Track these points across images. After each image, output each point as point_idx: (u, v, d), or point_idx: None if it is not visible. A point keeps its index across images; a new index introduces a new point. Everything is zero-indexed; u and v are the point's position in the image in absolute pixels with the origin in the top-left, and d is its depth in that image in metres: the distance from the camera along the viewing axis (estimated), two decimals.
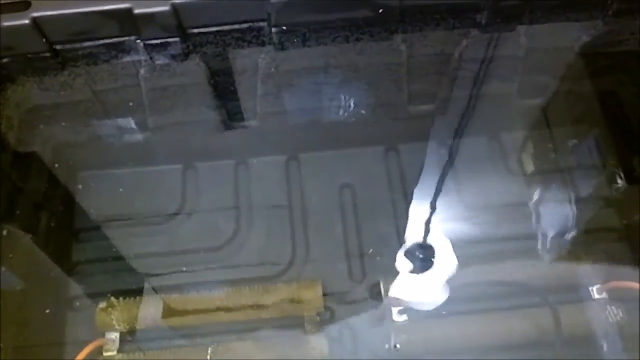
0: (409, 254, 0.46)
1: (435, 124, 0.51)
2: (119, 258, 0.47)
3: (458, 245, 0.46)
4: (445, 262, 0.46)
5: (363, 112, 0.50)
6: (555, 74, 0.49)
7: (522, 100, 0.50)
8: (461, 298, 0.45)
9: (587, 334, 0.43)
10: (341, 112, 0.50)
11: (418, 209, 0.48)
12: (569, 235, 0.47)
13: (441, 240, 0.46)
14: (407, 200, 0.49)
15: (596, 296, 0.43)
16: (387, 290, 0.45)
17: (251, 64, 0.46)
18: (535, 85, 0.50)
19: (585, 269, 0.45)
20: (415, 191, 0.49)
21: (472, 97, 0.50)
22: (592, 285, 0.44)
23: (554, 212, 0.48)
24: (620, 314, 0.42)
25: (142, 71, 0.45)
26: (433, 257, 0.46)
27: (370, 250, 0.45)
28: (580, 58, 0.48)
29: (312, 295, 0.45)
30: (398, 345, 0.43)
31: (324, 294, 0.45)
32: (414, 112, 0.50)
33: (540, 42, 0.47)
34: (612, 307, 0.42)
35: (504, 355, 0.42)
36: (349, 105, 0.50)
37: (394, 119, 0.50)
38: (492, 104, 0.50)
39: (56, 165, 0.49)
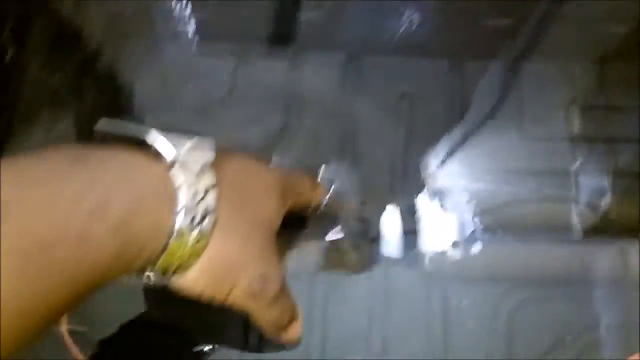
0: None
1: (506, 43, 0.47)
2: None
3: (507, 176, 0.45)
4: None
5: (433, 20, 0.47)
6: None
7: (607, 27, 0.46)
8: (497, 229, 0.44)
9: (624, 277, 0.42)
10: (410, 18, 0.47)
11: (473, 132, 0.46)
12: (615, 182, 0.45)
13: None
14: (463, 120, 0.46)
15: None
16: (426, 209, 0.44)
17: None
18: (628, 10, 0.46)
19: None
20: (473, 113, 0.47)
21: (550, 17, 0.46)
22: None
23: (613, 152, 0.46)
24: None
25: None
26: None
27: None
28: None
29: (352, 203, 0.44)
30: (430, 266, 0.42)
31: (362, 203, 0.44)
32: (487, 27, 0.47)
33: None
34: None
35: (537, 290, 0.42)
36: (420, 12, 0.46)
37: (465, 33, 0.47)
38: (572, 28, 0.47)
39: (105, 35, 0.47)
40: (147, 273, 0.25)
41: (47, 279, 0.20)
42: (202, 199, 0.25)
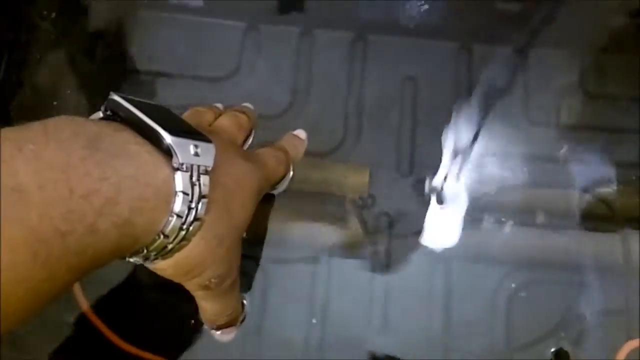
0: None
1: (518, 27, 0.48)
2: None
3: (510, 160, 0.45)
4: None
5: (445, 1, 0.47)
6: None
7: (614, 18, 0.47)
8: (501, 212, 0.44)
9: (624, 264, 0.42)
10: None
11: (478, 116, 0.46)
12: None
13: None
14: (469, 104, 0.46)
15: None
16: (432, 188, 0.44)
17: None
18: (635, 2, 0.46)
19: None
20: (479, 96, 0.47)
21: (559, 4, 0.47)
22: None
23: (617, 141, 0.46)
24: None
25: None
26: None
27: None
28: None
29: (358, 179, 0.44)
30: (431, 243, 0.42)
31: (369, 181, 0.44)
32: (497, 11, 0.47)
33: None
34: None
35: (537, 273, 0.42)
36: None
37: (474, 16, 0.48)
38: (580, 17, 0.47)
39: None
40: (127, 257, 0.26)
41: (56, 265, 0.21)
42: (195, 206, 0.26)
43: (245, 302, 0.40)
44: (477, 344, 0.40)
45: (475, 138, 0.45)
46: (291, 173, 0.41)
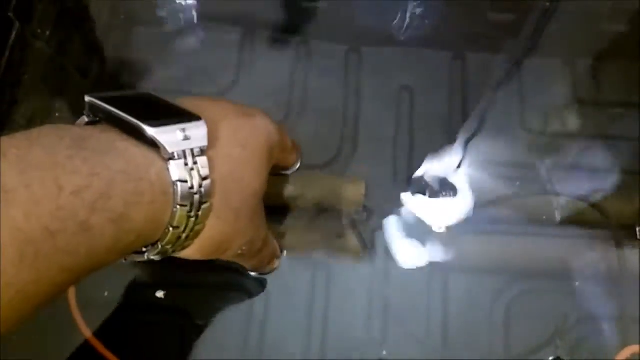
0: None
1: (509, 37, 0.48)
2: None
3: (505, 169, 0.45)
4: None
5: (438, 11, 0.47)
6: None
7: (608, 25, 0.47)
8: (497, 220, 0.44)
9: (621, 271, 0.42)
10: (414, 8, 0.47)
11: (473, 125, 0.46)
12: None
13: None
14: (464, 113, 0.47)
15: None
16: (429, 199, 0.44)
17: None
18: (629, 8, 0.46)
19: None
20: (475, 105, 0.47)
21: (551, 13, 0.47)
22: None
23: (612, 149, 0.46)
24: None
25: None
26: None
27: None
28: None
29: (354, 191, 0.44)
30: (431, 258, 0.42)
31: (365, 194, 0.44)
32: (490, 21, 0.47)
33: None
34: None
35: (535, 282, 0.42)
36: (423, 4, 0.47)
37: (468, 26, 0.48)
38: (574, 25, 0.47)
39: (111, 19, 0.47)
40: (146, 255, 0.26)
41: (47, 265, 0.20)
42: (198, 190, 0.25)
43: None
44: (475, 354, 0.41)
45: (471, 147, 0.46)
46: (298, 164, 0.42)
